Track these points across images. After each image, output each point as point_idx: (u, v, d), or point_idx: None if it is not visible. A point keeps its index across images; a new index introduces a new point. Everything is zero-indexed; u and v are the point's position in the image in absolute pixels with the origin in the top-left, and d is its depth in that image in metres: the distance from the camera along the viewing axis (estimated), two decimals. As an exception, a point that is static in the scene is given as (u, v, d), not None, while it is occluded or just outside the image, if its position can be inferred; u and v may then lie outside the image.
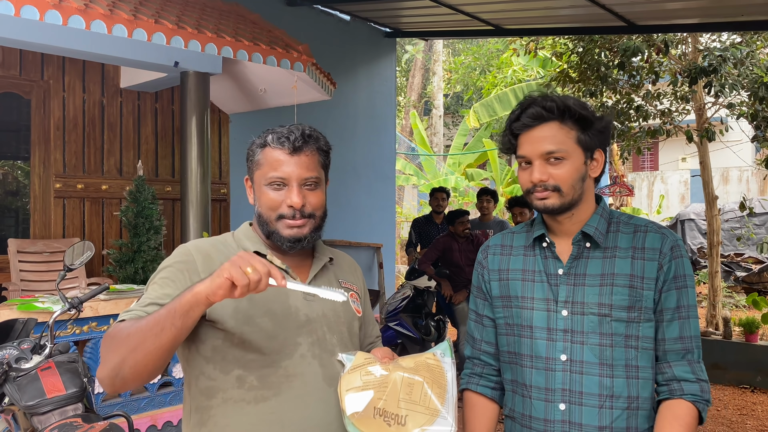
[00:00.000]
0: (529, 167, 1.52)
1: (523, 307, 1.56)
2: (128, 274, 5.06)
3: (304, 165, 1.49)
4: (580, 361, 1.49)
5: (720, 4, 5.99)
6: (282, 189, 1.48)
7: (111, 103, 5.66)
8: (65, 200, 5.42)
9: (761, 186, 14.33)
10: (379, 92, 8.65)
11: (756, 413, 5.20)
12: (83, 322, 3.70)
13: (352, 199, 8.03)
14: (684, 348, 1.50)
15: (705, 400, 1.48)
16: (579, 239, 1.54)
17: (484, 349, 1.67)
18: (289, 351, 1.46)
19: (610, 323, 1.48)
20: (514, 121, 1.52)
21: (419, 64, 19.32)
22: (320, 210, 1.53)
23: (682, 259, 1.51)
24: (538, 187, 1.50)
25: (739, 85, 6.17)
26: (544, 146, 1.48)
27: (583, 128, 1.51)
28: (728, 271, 10.53)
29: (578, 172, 1.50)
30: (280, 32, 5.19)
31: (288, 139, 1.49)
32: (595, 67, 7.00)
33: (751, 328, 5.98)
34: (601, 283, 1.50)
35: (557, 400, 1.50)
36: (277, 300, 1.48)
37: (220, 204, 6.35)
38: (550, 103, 1.49)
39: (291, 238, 1.49)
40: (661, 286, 1.50)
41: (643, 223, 1.56)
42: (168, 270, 1.46)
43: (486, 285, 1.66)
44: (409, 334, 5.78)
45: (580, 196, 1.52)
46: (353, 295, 1.64)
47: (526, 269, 1.59)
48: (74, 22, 3.70)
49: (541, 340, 1.52)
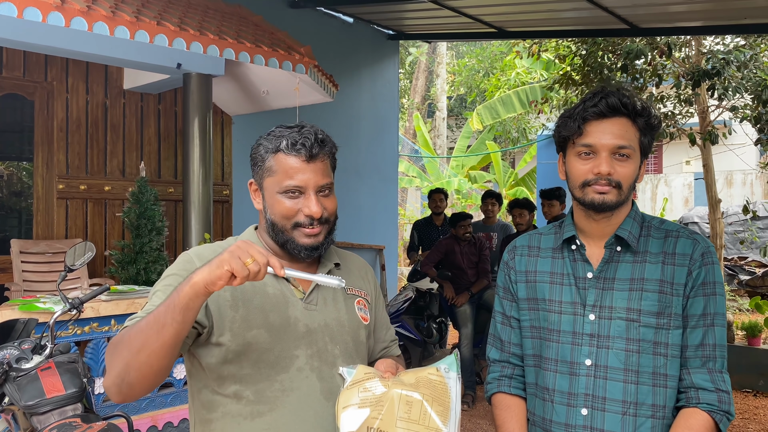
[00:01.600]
0: (591, 158, 1.47)
1: (550, 311, 1.53)
2: (130, 275, 5.07)
3: (320, 172, 1.46)
4: (605, 366, 1.46)
5: (723, 7, 5.98)
6: (298, 197, 1.45)
7: (114, 105, 5.67)
8: (68, 201, 5.43)
9: (765, 189, 14.28)
10: (382, 94, 8.65)
11: (758, 417, 5.18)
12: (84, 322, 3.70)
13: (354, 200, 8.04)
14: (705, 356, 1.46)
15: (723, 411, 1.42)
16: (612, 242, 1.51)
17: (513, 351, 1.63)
18: (285, 364, 1.43)
19: (638, 329, 1.45)
20: (591, 107, 1.46)
21: (423, 67, 19.33)
22: (334, 214, 1.51)
23: (713, 266, 1.48)
24: (601, 180, 1.45)
25: (743, 88, 6.17)
26: (617, 140, 1.45)
27: (645, 132, 1.49)
28: (732, 275, 10.49)
29: (635, 173, 1.48)
30: (282, 34, 5.20)
31: (304, 146, 1.44)
32: (598, 69, 7.00)
33: (754, 332, 5.96)
34: (631, 288, 1.47)
35: (579, 405, 1.47)
36: (276, 310, 1.45)
37: (222, 205, 6.36)
38: (627, 99, 1.46)
39: (308, 246, 1.46)
40: (689, 292, 1.46)
41: (674, 228, 1.53)
42: (171, 278, 1.44)
43: (513, 286, 1.62)
44: (411, 336, 5.78)
45: (627, 197, 1.50)
46: (360, 302, 1.59)
47: (554, 272, 1.56)
48: (77, 24, 3.71)
49: (567, 344, 1.49)
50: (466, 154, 15.43)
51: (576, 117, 1.48)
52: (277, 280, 1.49)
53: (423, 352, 5.91)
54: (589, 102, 1.47)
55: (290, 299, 1.48)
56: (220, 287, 1.20)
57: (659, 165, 18.12)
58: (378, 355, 1.67)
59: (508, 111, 13.39)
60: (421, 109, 19.26)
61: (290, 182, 1.44)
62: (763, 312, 6.20)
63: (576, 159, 1.49)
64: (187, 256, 1.50)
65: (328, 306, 1.53)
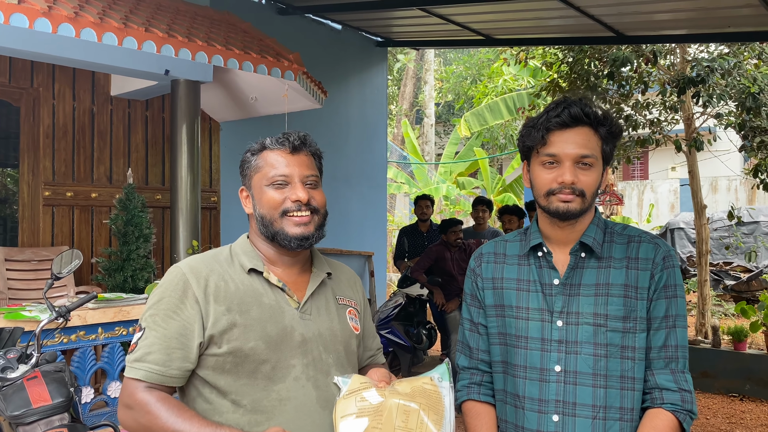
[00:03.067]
0: (555, 167, 1.49)
1: (518, 317, 1.55)
2: (117, 282, 5.03)
3: (305, 163, 1.51)
4: (574, 372, 1.48)
5: (708, 15, 6.06)
6: (284, 187, 1.48)
7: (101, 111, 5.64)
8: (54, 208, 5.39)
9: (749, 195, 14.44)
10: (371, 101, 8.67)
11: (745, 421, 5.22)
12: (71, 331, 3.66)
13: (343, 207, 8.03)
14: (668, 357, 1.49)
15: (686, 410, 1.46)
16: (577, 249, 1.54)
17: (481, 358, 1.64)
18: (282, 374, 1.44)
19: (605, 333, 1.47)
20: (554, 117, 1.49)
21: (411, 73, 19.39)
22: (323, 207, 1.53)
23: (673, 269, 1.52)
24: (565, 189, 1.48)
25: (727, 96, 6.23)
26: (580, 149, 1.48)
27: (606, 141, 1.52)
28: (717, 280, 10.58)
29: (598, 181, 1.52)
30: (270, 41, 5.20)
31: (287, 139, 1.51)
32: (585, 76, 7.05)
33: (740, 337, 6.01)
34: (596, 293, 1.49)
35: (551, 411, 1.49)
36: (273, 320, 1.46)
37: (210, 212, 6.33)
38: (589, 109, 1.50)
39: (298, 236, 1.48)
40: (652, 295, 1.50)
41: (636, 233, 1.57)
42: (167, 301, 1.45)
43: (480, 293, 1.64)
44: (401, 342, 5.78)
45: (591, 205, 1.53)
46: (351, 312, 1.61)
47: (521, 279, 1.57)
48: (64, 30, 3.69)
49: (536, 350, 1.51)
50: (454, 160, 15.48)
51: (539, 127, 1.51)
52: (272, 290, 1.51)
53: (412, 358, 5.91)
54: (552, 112, 1.50)
55: (286, 309, 1.49)
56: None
57: (645, 171, 18.27)
58: (365, 363, 1.69)
59: (496, 118, 13.46)
60: (409, 116, 19.31)
61: (275, 172, 1.49)
62: (748, 317, 6.25)
63: (540, 168, 1.52)
64: (179, 272, 1.49)
65: (322, 316, 1.54)
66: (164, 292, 1.46)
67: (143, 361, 1.41)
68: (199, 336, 1.42)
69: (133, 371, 1.42)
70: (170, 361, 1.41)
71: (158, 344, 1.42)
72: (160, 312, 1.44)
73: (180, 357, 1.42)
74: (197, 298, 1.44)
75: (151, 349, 1.42)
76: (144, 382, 1.41)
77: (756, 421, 5.21)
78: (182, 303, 1.44)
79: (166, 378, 1.42)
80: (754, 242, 10.09)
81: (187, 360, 1.43)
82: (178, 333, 1.42)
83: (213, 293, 1.45)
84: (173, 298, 1.44)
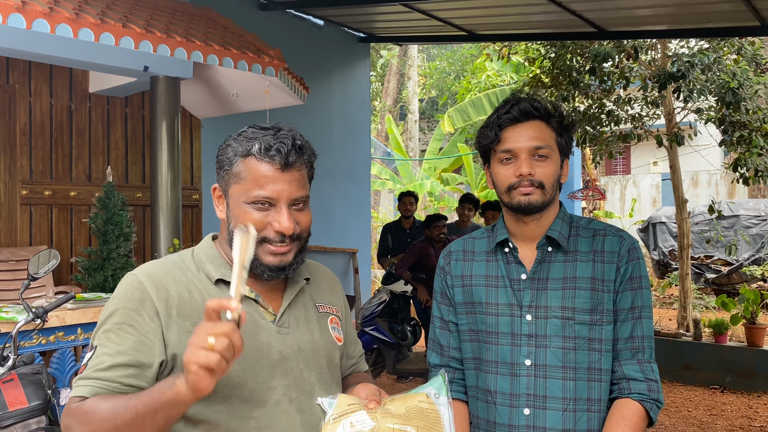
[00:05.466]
0: (512, 162, 1.52)
1: (488, 313, 1.56)
2: (97, 282, 4.96)
3: (296, 183, 1.30)
4: (544, 365, 1.50)
5: (688, 11, 6.11)
6: (268, 210, 1.28)
7: (79, 108, 5.55)
8: (32, 207, 5.30)
9: (729, 189, 14.61)
10: (354, 97, 8.64)
11: (726, 413, 5.28)
12: (49, 332, 3.60)
13: (327, 204, 8.00)
14: (634, 347, 1.52)
15: (653, 399, 1.49)
16: (543, 243, 1.56)
17: (452, 355, 1.66)
18: (261, 398, 1.27)
19: (573, 326, 1.50)
20: (504, 114, 1.52)
21: (394, 69, 19.37)
22: (308, 230, 1.35)
23: (638, 261, 1.55)
24: (524, 182, 1.50)
25: (707, 91, 6.29)
26: (533, 141, 1.50)
27: (560, 133, 1.55)
28: (698, 273, 10.70)
29: (557, 172, 1.54)
30: (251, 36, 5.15)
31: (279, 152, 1.28)
32: (567, 72, 7.08)
33: (721, 330, 6.08)
34: (564, 287, 1.52)
35: (522, 405, 1.51)
36: (247, 337, 1.23)
37: (192, 210, 6.27)
38: (537, 103, 1.53)
39: (273, 266, 1.30)
40: (618, 287, 1.53)
41: (601, 227, 1.60)
42: (122, 313, 1.25)
43: (450, 291, 1.65)
44: (386, 339, 5.77)
45: (553, 198, 1.54)
46: (333, 320, 1.46)
47: (490, 275, 1.59)
48: (39, 26, 3.62)
49: (506, 345, 1.53)
50: (438, 156, 15.50)
51: (492, 126, 1.54)
52: (244, 301, 1.30)
53: (397, 355, 5.91)
54: (502, 110, 1.54)
55: (260, 323, 1.32)
56: (207, 387, 1.04)
57: (627, 166, 18.43)
58: (347, 371, 1.55)
59: (479, 114, 13.48)
60: (393, 112, 19.29)
61: (260, 192, 1.27)
62: (729, 310, 6.32)
63: (498, 165, 1.55)
64: (135, 281, 1.29)
65: (301, 328, 1.38)
66: (118, 303, 1.27)
67: (90, 378, 1.21)
68: (160, 354, 1.23)
69: (78, 389, 1.20)
70: (124, 377, 1.21)
71: (110, 361, 1.22)
72: (114, 327, 1.24)
73: (134, 374, 1.22)
74: (157, 310, 1.25)
75: (100, 366, 1.22)
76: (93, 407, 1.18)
77: (737, 413, 5.28)
78: (139, 315, 1.24)
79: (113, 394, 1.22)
80: (734, 236, 10.21)
81: (145, 379, 1.22)
82: (133, 349, 1.22)
83: (176, 306, 1.26)
84: (128, 310, 1.25)
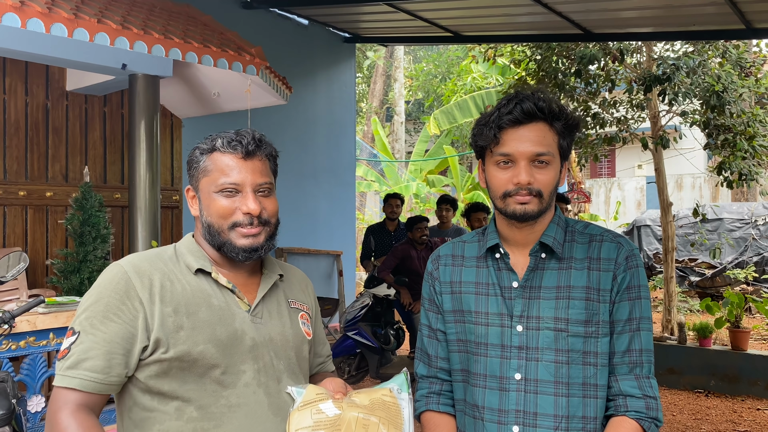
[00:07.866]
0: (510, 167, 1.40)
1: (477, 323, 1.46)
2: (73, 284, 4.83)
3: (258, 170, 1.42)
4: (535, 380, 1.40)
5: (673, 13, 6.10)
6: (235, 196, 1.40)
7: (56, 107, 5.42)
8: (6, 208, 5.16)
9: (713, 192, 14.71)
10: (339, 98, 8.55)
11: (710, 417, 5.26)
12: (19, 337, 3.48)
13: (311, 205, 7.91)
14: (632, 362, 1.42)
15: (651, 417, 1.39)
16: (536, 250, 1.45)
17: (440, 366, 1.56)
18: (232, 379, 1.37)
19: (566, 338, 1.39)
20: (506, 114, 1.39)
21: (380, 71, 19.31)
22: (275, 217, 1.45)
23: (637, 269, 1.44)
24: (522, 190, 1.39)
25: (692, 94, 6.28)
26: (535, 147, 1.38)
27: (563, 135, 1.43)
28: (683, 276, 10.73)
29: (556, 178, 1.42)
30: (232, 34, 5.05)
31: (240, 143, 1.40)
32: (553, 74, 7.05)
33: (705, 333, 6.06)
34: (557, 296, 1.41)
35: (510, 422, 1.40)
36: (222, 323, 1.38)
37: (172, 211, 6.15)
38: (542, 103, 1.39)
39: (246, 248, 1.40)
40: (615, 297, 1.42)
41: (598, 232, 1.49)
42: (106, 302, 1.35)
43: (438, 297, 1.55)
44: (368, 344, 5.69)
45: (550, 205, 1.44)
46: (303, 316, 1.55)
47: (480, 282, 1.49)
48: (8, 20, 3.49)
49: (495, 358, 1.43)
50: (424, 158, 15.45)
51: (491, 125, 1.41)
52: (222, 291, 1.43)
53: (380, 359, 5.83)
54: (503, 109, 1.40)
55: (236, 311, 1.42)
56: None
57: (612, 169, 18.50)
58: (314, 370, 1.63)
59: (465, 116, 13.45)
60: (379, 113, 19.23)
61: (226, 179, 1.40)
62: (713, 313, 6.31)
63: (495, 168, 1.42)
64: (120, 270, 1.39)
65: (273, 319, 1.47)
66: (102, 291, 1.36)
67: (78, 368, 1.30)
68: (143, 340, 1.33)
69: (66, 380, 1.30)
70: (110, 368, 1.31)
71: (96, 349, 1.31)
72: (98, 314, 1.33)
73: (121, 363, 1.33)
74: (141, 298, 1.34)
75: (87, 355, 1.30)
76: (79, 391, 1.29)
77: (721, 417, 5.25)
78: (123, 304, 1.34)
79: (104, 386, 1.32)
80: (718, 239, 10.25)
81: (128, 366, 1.34)
82: (119, 337, 1.32)
83: (159, 293, 1.36)
84: (113, 299, 1.34)
